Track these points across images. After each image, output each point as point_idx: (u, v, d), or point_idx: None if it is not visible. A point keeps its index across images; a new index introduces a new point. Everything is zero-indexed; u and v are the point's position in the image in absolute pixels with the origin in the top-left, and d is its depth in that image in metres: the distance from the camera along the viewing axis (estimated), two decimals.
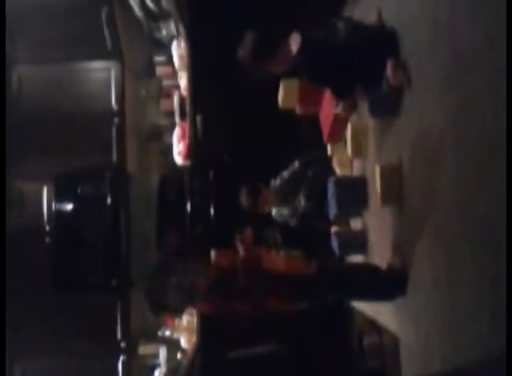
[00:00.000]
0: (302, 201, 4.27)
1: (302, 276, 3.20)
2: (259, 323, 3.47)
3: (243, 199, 4.28)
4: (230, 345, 4.89)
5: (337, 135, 4.31)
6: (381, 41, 3.21)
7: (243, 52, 3.27)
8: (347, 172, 4.39)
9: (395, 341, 3.56)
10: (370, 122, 3.86)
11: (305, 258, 3.27)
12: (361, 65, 3.16)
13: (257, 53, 3.23)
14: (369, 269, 3.48)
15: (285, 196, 4.31)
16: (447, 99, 2.60)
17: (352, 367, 4.37)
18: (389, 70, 3.12)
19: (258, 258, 3.21)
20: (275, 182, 4.39)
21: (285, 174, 4.37)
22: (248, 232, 3.30)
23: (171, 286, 3.13)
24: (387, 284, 3.27)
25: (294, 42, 3.25)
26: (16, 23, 6.24)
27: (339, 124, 4.17)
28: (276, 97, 4.59)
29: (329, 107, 4.14)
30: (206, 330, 5.12)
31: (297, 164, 4.37)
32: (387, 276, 3.28)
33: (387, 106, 3.31)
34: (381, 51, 3.16)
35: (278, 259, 3.23)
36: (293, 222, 4.38)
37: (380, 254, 3.76)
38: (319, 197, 4.18)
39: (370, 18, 3.47)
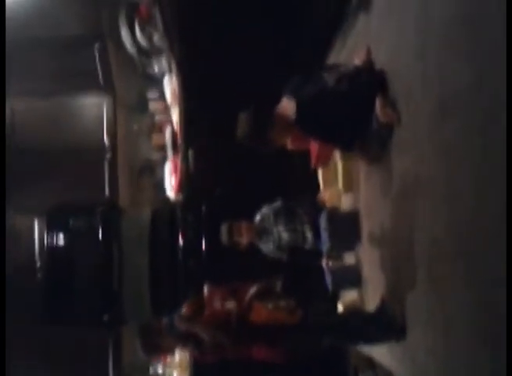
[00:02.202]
0: (283, 233, 4.27)
1: (286, 326, 3.18)
2: (251, 363, 3.44)
3: (221, 236, 4.34)
4: None
5: (325, 158, 4.31)
6: (369, 80, 3.25)
7: (241, 133, 3.29)
8: (337, 206, 4.40)
9: (390, 375, 3.54)
10: (361, 158, 3.88)
11: (291, 306, 3.25)
12: (353, 106, 3.19)
13: (256, 131, 3.24)
14: (360, 316, 3.46)
15: (263, 230, 4.31)
16: (437, 137, 2.63)
17: None
18: (378, 108, 3.15)
19: (249, 310, 3.21)
20: (257, 217, 4.39)
21: (265, 209, 4.38)
22: (191, 303, 3.28)
23: (166, 328, 3.11)
24: (380, 331, 3.24)
25: (288, 106, 3.26)
26: (10, 56, 6.29)
27: (327, 148, 4.17)
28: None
29: None
30: (199, 368, 5.06)
31: (279, 202, 4.38)
32: (380, 321, 3.25)
33: (378, 143, 3.34)
34: (370, 89, 3.19)
35: (264, 310, 3.21)
36: (284, 256, 4.36)
37: (373, 289, 3.75)
38: (303, 230, 4.19)
39: (359, 57, 3.51)
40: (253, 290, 3.40)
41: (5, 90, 6.19)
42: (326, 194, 4.51)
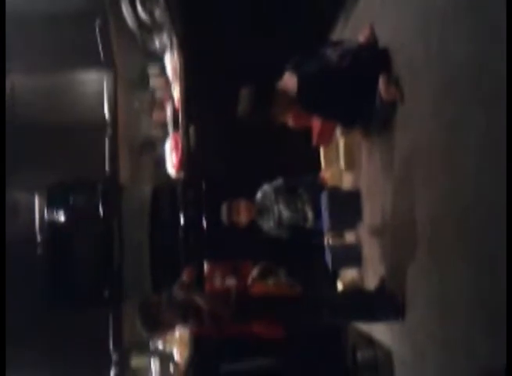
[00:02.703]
0: (284, 212, 4.27)
1: (285, 299, 3.19)
2: (252, 339, 3.45)
3: (222, 215, 4.34)
4: (224, 358, 4.86)
5: (327, 137, 4.28)
6: (373, 57, 3.21)
7: (242, 109, 3.26)
8: (338, 185, 4.39)
9: (389, 355, 3.56)
10: (363, 136, 3.86)
11: (291, 282, 3.26)
12: (356, 84, 3.16)
13: (258, 107, 3.21)
14: (359, 295, 3.47)
15: (264, 208, 4.31)
16: (440, 115, 2.60)
17: None
18: (381, 85, 3.12)
19: (249, 288, 3.22)
20: (258, 195, 4.39)
21: (266, 187, 4.37)
22: (190, 269, 3.29)
23: (165, 302, 3.10)
24: (379, 309, 3.24)
25: (290, 82, 3.22)
26: (9, 32, 6.23)
27: (329, 127, 4.15)
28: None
29: None
30: (199, 344, 5.09)
31: (280, 180, 4.37)
32: (379, 300, 3.25)
33: (380, 121, 3.31)
34: (373, 66, 3.16)
35: (264, 286, 3.23)
36: (284, 235, 4.37)
37: (373, 268, 3.75)
38: (304, 207, 4.19)
39: (362, 34, 3.47)
40: (255, 272, 3.42)
41: (5, 78, 6.16)
42: (327, 173, 4.49)
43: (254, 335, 3.19)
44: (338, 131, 4.15)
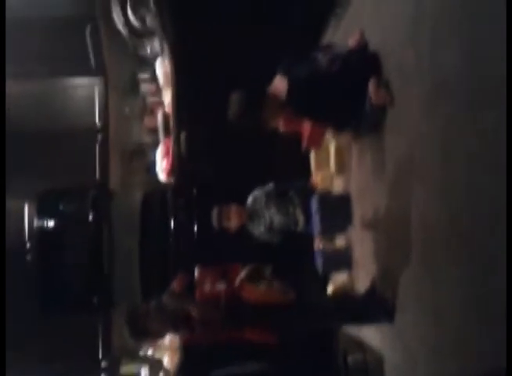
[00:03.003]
0: (275, 216, 4.26)
1: (278, 306, 3.17)
2: (242, 344, 3.43)
3: (212, 220, 4.33)
4: (214, 364, 4.83)
5: (317, 141, 4.29)
6: (363, 61, 3.23)
7: (233, 113, 3.26)
8: (329, 189, 4.39)
9: (380, 359, 3.54)
10: (354, 139, 3.87)
11: (284, 289, 3.24)
12: (346, 88, 3.17)
13: (248, 111, 3.21)
14: (350, 300, 3.46)
15: (255, 213, 4.30)
16: (431, 118, 2.61)
17: None
18: (371, 89, 3.14)
19: (239, 291, 3.19)
20: (248, 200, 4.39)
21: (257, 192, 4.37)
22: (181, 277, 3.26)
23: (154, 311, 3.07)
24: (370, 313, 3.24)
25: (280, 85, 3.23)
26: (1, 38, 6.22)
27: (319, 130, 4.16)
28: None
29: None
30: (189, 350, 5.06)
31: (271, 185, 4.37)
32: (371, 303, 3.25)
33: (371, 124, 3.33)
34: (363, 70, 3.18)
35: (256, 291, 3.20)
36: (275, 239, 4.37)
37: (364, 271, 3.75)
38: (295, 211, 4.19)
39: (352, 39, 3.49)
40: (243, 273, 3.39)
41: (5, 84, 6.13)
42: (317, 177, 4.50)
43: (246, 341, 3.17)
44: (328, 135, 4.16)
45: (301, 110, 3.32)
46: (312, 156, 4.56)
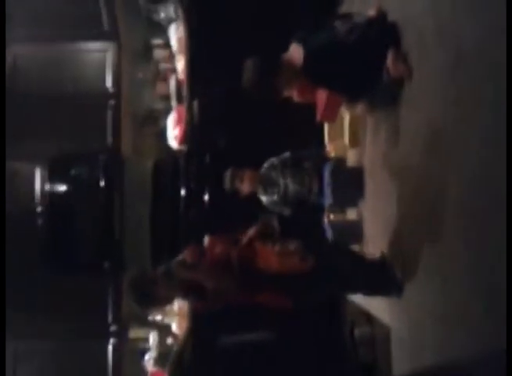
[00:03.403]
0: (290, 185, 4.22)
1: (298, 274, 3.08)
2: (251, 313, 3.43)
3: (224, 182, 4.27)
4: (222, 331, 4.89)
5: (332, 113, 4.25)
6: (382, 33, 3.17)
7: (247, 80, 3.20)
8: (342, 161, 4.36)
9: (387, 331, 3.57)
10: (369, 112, 3.83)
11: (302, 252, 3.14)
12: (363, 59, 3.12)
13: (262, 78, 3.16)
14: (364, 264, 3.43)
15: (269, 181, 4.26)
16: (448, 92, 2.58)
17: (343, 358, 4.38)
18: (389, 61, 3.09)
19: (253, 254, 3.10)
20: (264, 167, 4.35)
21: (274, 160, 4.33)
22: (193, 248, 3.18)
23: (163, 277, 3.02)
24: (383, 281, 3.22)
25: (296, 53, 3.18)
26: (13, 1, 6.15)
27: (334, 103, 4.11)
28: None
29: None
30: (197, 316, 5.11)
31: (288, 154, 4.33)
32: (383, 272, 3.24)
33: (387, 97, 3.29)
34: (382, 42, 3.12)
35: (273, 256, 3.11)
36: (286, 212, 4.34)
37: (374, 245, 3.75)
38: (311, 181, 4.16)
39: (372, 8, 3.42)
40: (252, 230, 3.24)
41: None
42: (331, 149, 4.47)
43: (258, 306, 3.13)
44: (343, 107, 4.11)
45: (316, 78, 3.28)
46: (326, 128, 4.52)
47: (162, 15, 6.42)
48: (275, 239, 3.18)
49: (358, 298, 4.19)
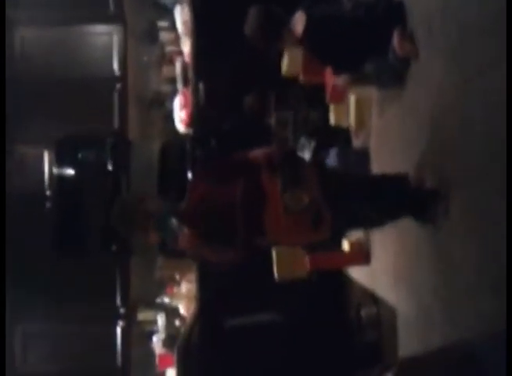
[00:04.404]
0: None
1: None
2: (258, 292, 3.44)
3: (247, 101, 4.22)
4: (229, 313, 4.91)
5: (340, 96, 4.23)
6: (388, 11, 3.14)
7: (249, 28, 3.19)
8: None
9: (393, 313, 3.57)
10: (374, 93, 3.81)
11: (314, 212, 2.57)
12: (368, 36, 3.10)
13: (264, 30, 3.14)
14: (398, 178, 3.02)
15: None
16: (454, 72, 2.56)
17: (350, 338, 4.40)
18: (396, 40, 3.06)
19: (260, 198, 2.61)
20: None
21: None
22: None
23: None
24: (417, 200, 2.86)
25: (299, 21, 3.16)
26: None
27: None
28: (280, 65, 4.52)
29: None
30: (205, 298, 5.14)
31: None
32: (418, 191, 2.90)
33: (393, 77, 3.26)
34: (388, 21, 3.09)
35: (280, 216, 2.56)
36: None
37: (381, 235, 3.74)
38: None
39: None
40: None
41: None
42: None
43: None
44: (350, 89, 4.08)
45: (314, 50, 3.26)
46: (332, 109, 4.50)
47: None
48: (286, 177, 2.61)
49: (364, 279, 4.20)
